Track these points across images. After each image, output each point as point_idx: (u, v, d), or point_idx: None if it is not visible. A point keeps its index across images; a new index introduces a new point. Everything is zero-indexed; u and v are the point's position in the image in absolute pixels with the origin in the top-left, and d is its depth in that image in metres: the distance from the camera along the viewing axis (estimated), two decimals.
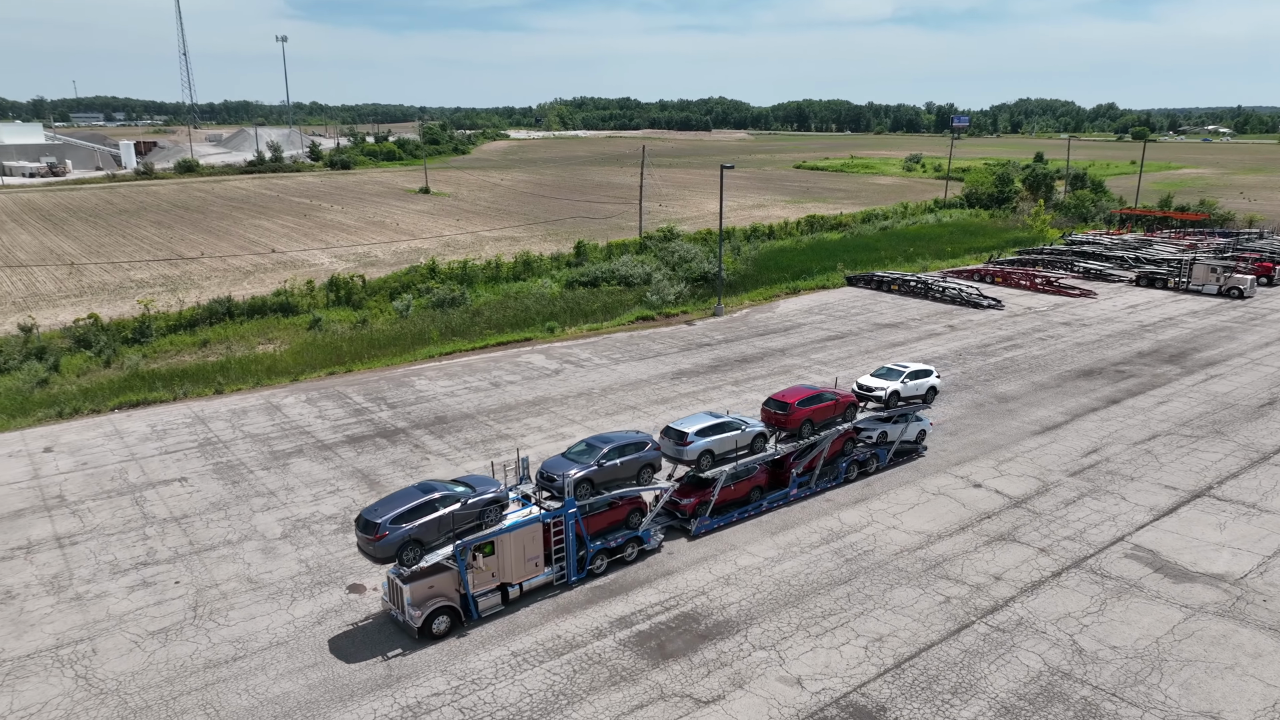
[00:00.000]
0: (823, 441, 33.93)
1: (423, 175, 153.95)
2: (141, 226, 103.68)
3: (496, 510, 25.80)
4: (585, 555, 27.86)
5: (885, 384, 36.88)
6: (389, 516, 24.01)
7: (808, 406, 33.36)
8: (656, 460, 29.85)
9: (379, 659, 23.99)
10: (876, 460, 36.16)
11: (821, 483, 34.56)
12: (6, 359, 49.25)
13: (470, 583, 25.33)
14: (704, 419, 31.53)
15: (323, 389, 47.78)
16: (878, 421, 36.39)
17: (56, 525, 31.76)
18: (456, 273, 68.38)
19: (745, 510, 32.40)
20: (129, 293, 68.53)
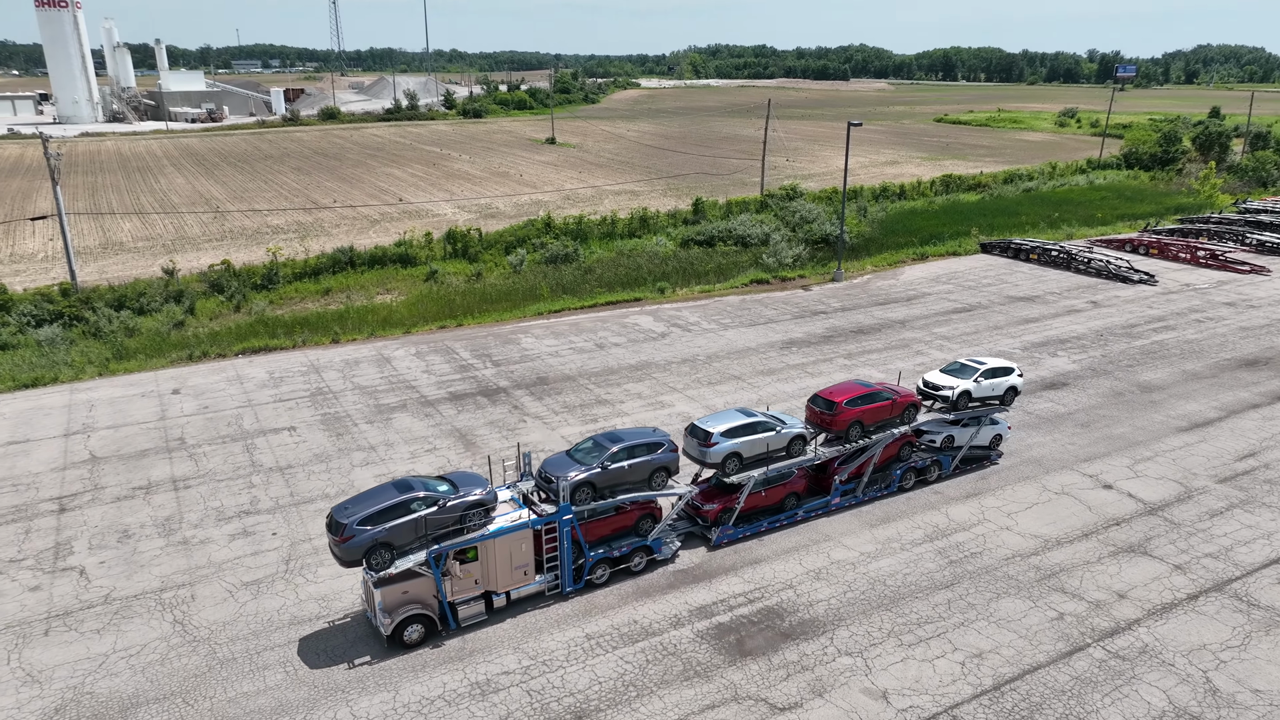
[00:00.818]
0: (874, 446, 30.29)
1: (550, 125, 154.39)
2: (283, 173, 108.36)
3: (481, 514, 23.41)
4: (584, 564, 25.43)
5: (955, 382, 32.53)
6: (357, 517, 21.96)
7: (858, 406, 29.50)
8: (672, 463, 26.59)
9: (459, 636, 23.90)
10: (939, 468, 32.20)
11: (871, 491, 30.95)
12: (149, 300, 52.25)
13: (449, 590, 23.36)
14: (733, 417, 28.23)
15: (432, 342, 48.45)
16: (944, 424, 32.52)
17: (175, 468, 33.39)
18: (572, 228, 67.94)
19: (777, 519, 29.12)
20: (265, 239, 71.63)
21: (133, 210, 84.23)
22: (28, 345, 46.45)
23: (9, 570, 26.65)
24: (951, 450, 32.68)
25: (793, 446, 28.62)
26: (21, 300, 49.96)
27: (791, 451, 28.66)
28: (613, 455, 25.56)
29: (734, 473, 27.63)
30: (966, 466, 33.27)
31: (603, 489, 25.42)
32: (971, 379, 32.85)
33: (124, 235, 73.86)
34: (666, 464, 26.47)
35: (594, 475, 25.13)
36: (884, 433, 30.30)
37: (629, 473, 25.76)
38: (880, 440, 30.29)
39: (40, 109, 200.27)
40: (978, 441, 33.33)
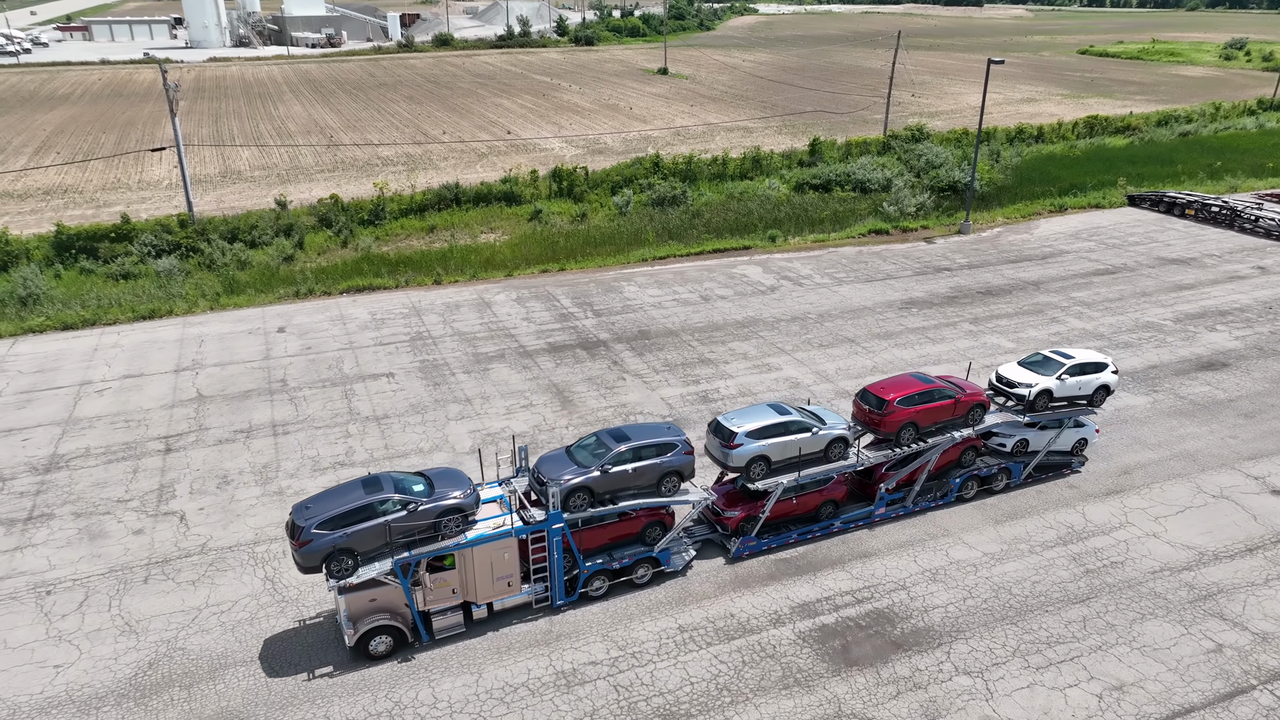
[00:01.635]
0: (929, 452, 26.49)
1: (663, 54, 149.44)
2: (396, 101, 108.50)
3: (459, 520, 21.03)
4: (579, 575, 23.01)
5: (1034, 378, 27.92)
6: (316, 519, 19.85)
7: (912, 405, 25.73)
8: (685, 467, 23.53)
9: (543, 616, 22.85)
10: (1007, 476, 28.24)
11: (923, 502, 27.31)
12: (261, 233, 52.80)
13: (420, 600, 21.39)
14: (763, 414, 24.74)
15: (533, 288, 47.25)
16: (1018, 425, 28.31)
17: (275, 411, 33.41)
18: (681, 168, 65.10)
19: (810, 531, 25.87)
20: (375, 170, 71.66)
21: (252, 138, 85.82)
22: (147, 275, 47.62)
23: (115, 510, 27.10)
24: (1024, 456, 28.55)
25: (831, 450, 25.03)
26: (143, 229, 51.17)
27: (830, 455, 25.06)
28: (615, 457, 22.61)
29: (759, 478, 24.29)
30: (1040, 474, 29.10)
31: (602, 494, 22.61)
32: (1054, 375, 27.96)
33: (242, 164, 75.27)
34: (679, 468, 23.38)
35: (591, 479, 22.27)
36: (942, 436, 26.36)
37: (633, 477, 22.80)
38: (937, 445, 26.36)
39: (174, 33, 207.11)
40: (1057, 447, 29.01)
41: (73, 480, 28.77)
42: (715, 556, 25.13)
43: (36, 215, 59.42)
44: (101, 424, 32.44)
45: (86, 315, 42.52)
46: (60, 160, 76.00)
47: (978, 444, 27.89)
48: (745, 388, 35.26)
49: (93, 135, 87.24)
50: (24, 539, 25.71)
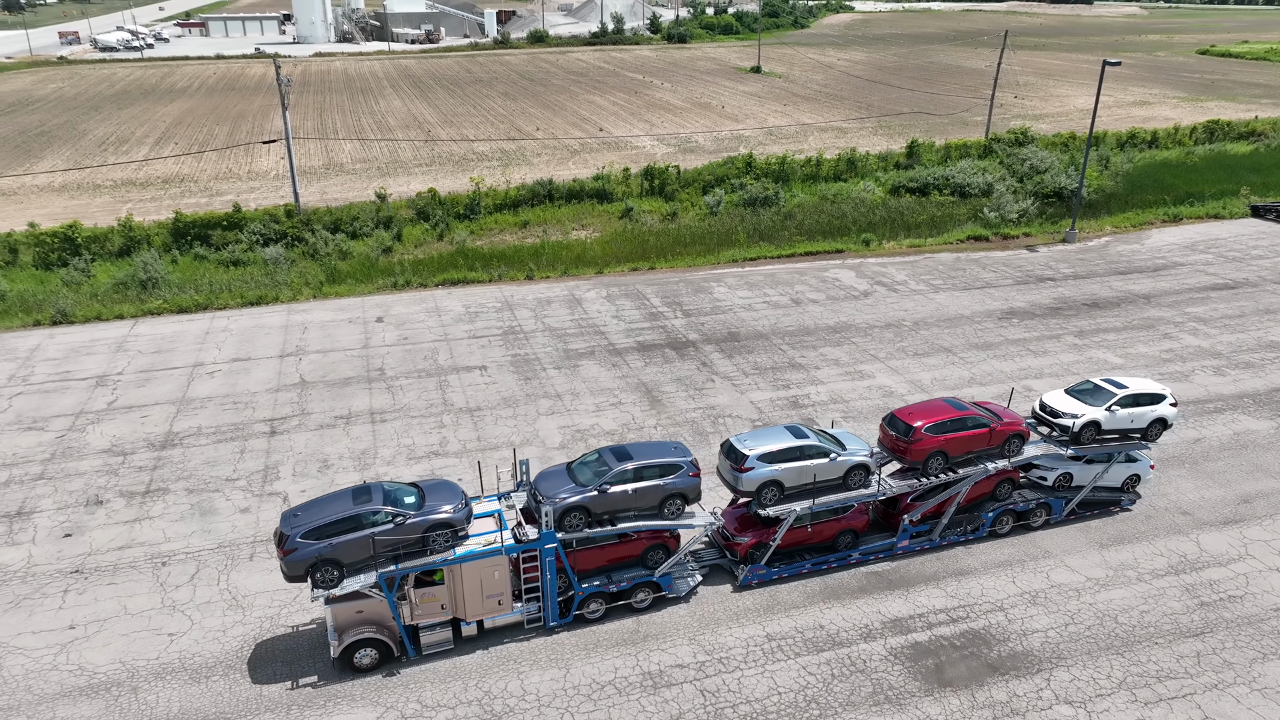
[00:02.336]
0: (959, 484, 25.01)
1: (756, 52, 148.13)
2: (491, 98, 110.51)
3: (448, 534, 20.55)
4: (574, 596, 22.27)
5: (1081, 408, 26.01)
6: (302, 529, 19.70)
7: (941, 434, 24.28)
8: (690, 490, 22.57)
9: (630, 614, 22.91)
10: (1046, 512, 26.57)
11: (951, 535, 25.78)
12: (362, 225, 54.46)
13: (406, 615, 21.04)
14: (778, 437, 23.67)
15: (623, 285, 47.45)
16: (1060, 459, 26.48)
17: (373, 399, 34.41)
18: (774, 169, 64.39)
19: (825, 561, 24.60)
20: (470, 165, 73.12)
21: (353, 131, 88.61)
22: (255, 263, 49.66)
23: (224, 489, 28.34)
24: (1068, 491, 26.79)
25: (851, 477, 23.83)
26: (253, 219, 53.37)
27: (849, 483, 23.90)
28: (614, 476, 21.83)
29: (771, 504, 23.24)
30: (1085, 511, 27.27)
31: (600, 514, 21.83)
32: (1104, 406, 25.95)
33: (344, 156, 77.79)
34: (683, 490, 22.42)
35: (588, 499, 21.50)
36: (974, 467, 24.89)
37: (633, 498, 21.92)
38: (968, 476, 24.87)
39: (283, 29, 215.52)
40: (1105, 482, 27.08)
41: (186, 457, 30.22)
42: (809, 578, 24.76)
43: (156, 203, 62.63)
44: (212, 404, 33.97)
45: (200, 300, 44.61)
46: (178, 151, 79.94)
47: (1015, 476, 26.16)
48: (837, 394, 34.67)
49: (207, 127, 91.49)
50: (142, 511, 27.12)
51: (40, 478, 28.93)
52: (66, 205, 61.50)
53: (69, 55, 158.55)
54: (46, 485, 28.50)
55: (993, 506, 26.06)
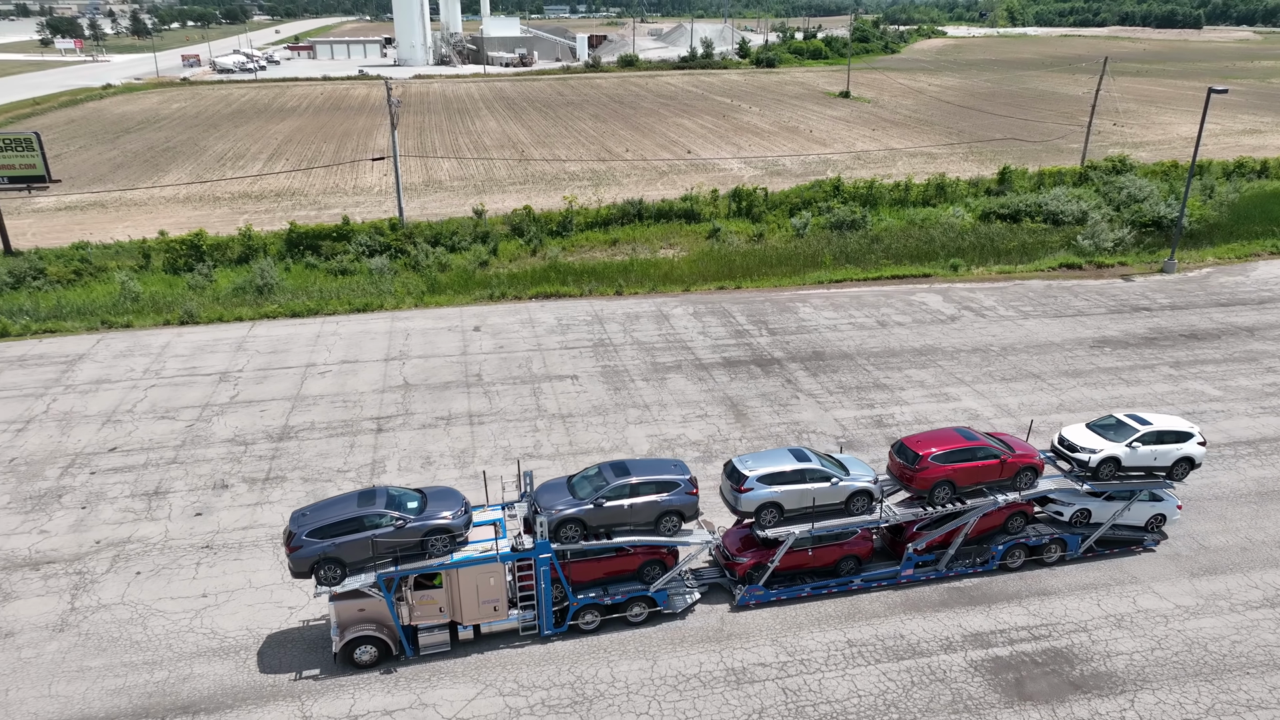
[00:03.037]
0: (966, 514, 24.61)
1: (845, 77, 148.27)
2: (582, 119, 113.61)
3: (447, 539, 21.29)
4: (569, 607, 22.76)
5: (1100, 444, 25.42)
6: (308, 527, 20.73)
7: (948, 463, 23.96)
8: (687, 507, 22.85)
9: (714, 613, 23.86)
10: (1061, 548, 25.93)
11: (959, 566, 25.43)
12: (460, 239, 57.07)
13: (404, 616, 21.83)
14: (780, 459, 23.75)
15: (710, 303, 48.58)
16: (1078, 494, 25.95)
17: (471, 403, 36.28)
18: (861, 193, 64.80)
19: (825, 585, 24.42)
20: (562, 185, 75.58)
21: (451, 150, 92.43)
22: (361, 272, 52.59)
23: (335, 479, 30.42)
24: (1085, 528, 26.15)
25: (853, 503, 23.73)
26: (360, 231, 56.52)
27: (851, 509, 23.78)
28: (610, 491, 22.22)
29: (769, 526, 23.30)
30: (1104, 549, 26.48)
31: (596, 528, 22.27)
32: (1124, 442, 25.28)
33: (443, 174, 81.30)
34: (679, 508, 22.69)
35: (584, 512, 22.00)
36: (982, 499, 24.53)
37: (629, 513, 22.30)
38: (976, 508, 24.51)
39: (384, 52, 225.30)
40: (1126, 520, 26.38)
41: (300, 449, 32.50)
42: (889, 589, 25.27)
43: (270, 214, 66.72)
44: (323, 402, 36.35)
45: (311, 305, 47.56)
46: (289, 166, 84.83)
47: (1028, 510, 25.76)
48: (921, 415, 34.98)
49: (315, 144, 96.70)
50: (263, 496, 29.38)
51: (173, 462, 31.56)
52: (191, 215, 66.11)
53: (191, 77, 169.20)
54: (179, 469, 31.09)
55: (1004, 539, 25.62)
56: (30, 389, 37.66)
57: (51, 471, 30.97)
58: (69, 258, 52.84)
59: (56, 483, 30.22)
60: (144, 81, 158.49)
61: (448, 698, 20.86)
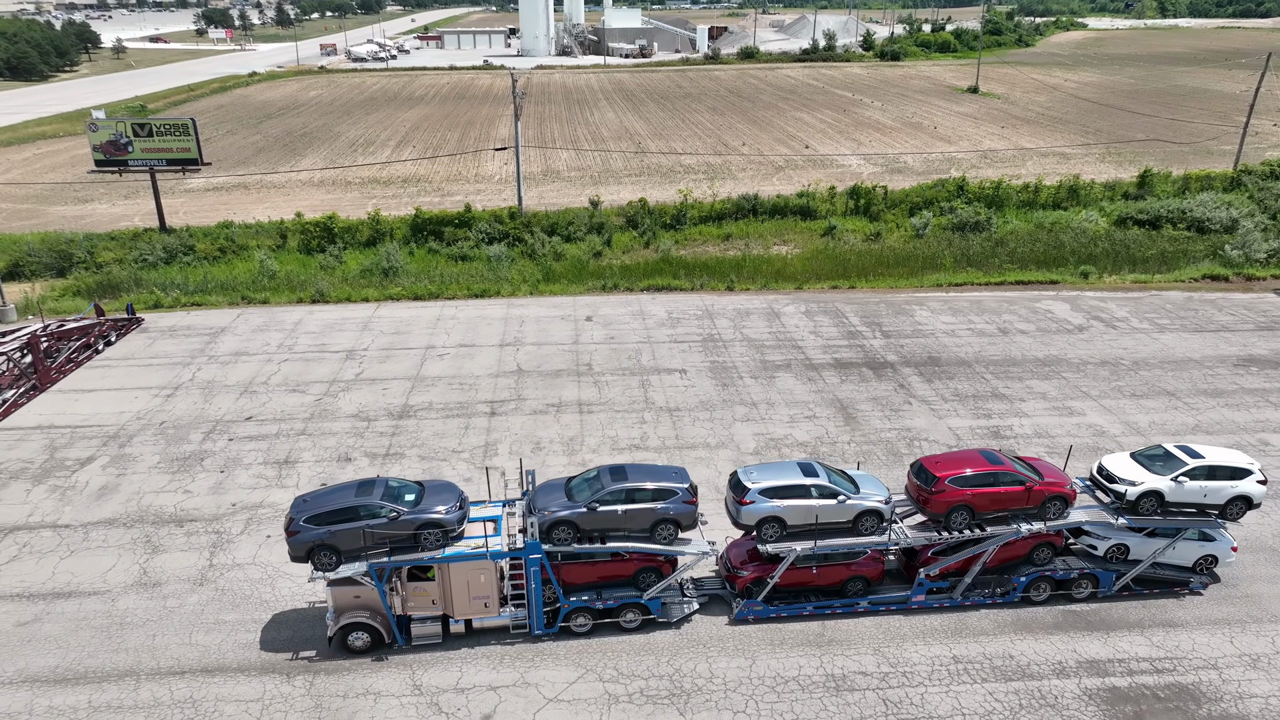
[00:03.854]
0: (985, 543, 23.32)
1: (974, 72, 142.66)
2: (699, 112, 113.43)
3: (439, 534, 21.51)
4: (560, 609, 22.63)
5: (1142, 475, 23.72)
6: (306, 514, 21.34)
7: (966, 487, 22.85)
8: (684, 516, 22.43)
9: (816, 620, 23.65)
10: (1092, 584, 24.16)
11: (976, 596, 24.06)
12: (575, 229, 58.08)
13: (397, 606, 22.10)
14: (785, 472, 23.08)
15: (822, 303, 47.88)
16: (1114, 527, 24.01)
17: (581, 391, 36.98)
18: (987, 193, 62.44)
19: (828, 605, 23.54)
20: (677, 178, 75.78)
21: (569, 141, 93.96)
22: (480, 259, 54.25)
23: (450, 459, 31.61)
24: (1122, 564, 24.30)
25: (861, 522, 22.80)
26: (480, 219, 58.29)
27: (859, 528, 22.87)
28: (604, 496, 21.99)
29: (771, 540, 22.66)
30: (1141, 589, 24.55)
31: (589, 531, 22.10)
32: (1170, 476, 23.46)
33: (561, 165, 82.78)
34: (675, 517, 22.32)
35: (577, 515, 21.85)
36: (1004, 528, 23.21)
37: (623, 519, 22.07)
38: (996, 536, 23.24)
39: (508, 42, 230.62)
40: (1169, 559, 24.39)
41: (419, 428, 33.90)
42: (999, 608, 24.45)
43: (396, 200, 69.52)
44: (441, 384, 37.76)
45: (432, 289, 49.40)
46: (415, 153, 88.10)
47: (1056, 541, 24.24)
48: (1042, 429, 33.59)
49: (440, 132, 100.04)
50: (382, 471, 30.81)
51: (302, 434, 33.47)
52: (324, 198, 69.59)
53: (327, 65, 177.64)
54: (307, 440, 32.95)
55: (1028, 570, 24.21)
56: (179, 358, 40.58)
57: (195, 436, 33.35)
58: (215, 236, 56.54)
59: (199, 447, 32.53)
60: (285, 70, 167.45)
61: (550, 678, 21.47)
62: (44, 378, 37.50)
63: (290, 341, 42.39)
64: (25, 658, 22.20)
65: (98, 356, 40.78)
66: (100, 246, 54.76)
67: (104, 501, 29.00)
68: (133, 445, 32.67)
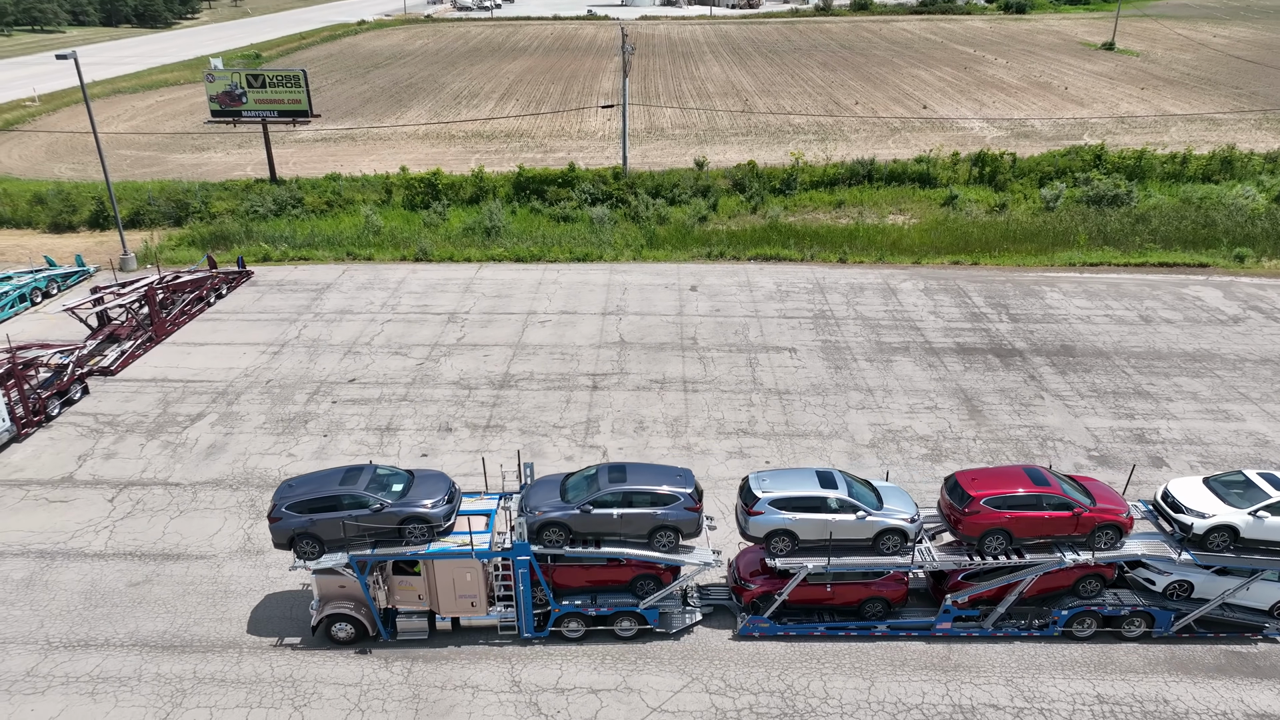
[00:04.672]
0: (1023, 571, 20.98)
1: (1109, 26, 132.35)
2: (809, 67, 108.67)
3: (424, 529, 20.44)
4: (551, 613, 21.34)
5: (1215, 506, 20.81)
6: (289, 500, 20.51)
7: (1004, 509, 20.48)
8: (685, 524, 20.76)
9: (941, 639, 21.80)
10: (1148, 623, 21.49)
11: (1009, 627, 21.68)
12: (680, 192, 56.07)
13: (381, 599, 21.32)
14: (802, 482, 21.22)
15: (942, 279, 44.87)
16: (1176, 562, 20.98)
17: (686, 367, 35.46)
18: (1128, 164, 57.40)
19: (842, 627, 21.68)
20: (786, 138, 72.58)
21: (674, 97, 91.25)
22: (582, 220, 52.94)
23: (551, 435, 30.67)
24: (1184, 603, 21.57)
25: (882, 541, 20.77)
26: (584, 178, 56.87)
27: (880, 547, 20.84)
28: (600, 498, 20.46)
29: (780, 555, 20.91)
30: (1205, 631, 21.78)
31: (583, 534, 20.67)
32: (1249, 509, 20.47)
33: (665, 121, 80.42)
34: (675, 524, 20.66)
35: (569, 517, 20.43)
36: (1046, 556, 20.85)
37: (619, 523, 20.52)
38: (1036, 565, 20.89)
39: None
40: (1243, 601, 21.49)
41: (520, 399, 33.07)
42: (1145, 641, 22.09)
43: (499, 155, 68.71)
44: (542, 352, 36.82)
45: (535, 251, 48.44)
46: (518, 107, 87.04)
47: (1106, 573, 21.57)
48: (1194, 434, 30.45)
49: (543, 85, 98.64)
50: (483, 444, 30.12)
51: (404, 399, 33.07)
52: (428, 152, 69.32)
53: (434, 13, 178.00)
54: (409, 407, 32.53)
55: (1072, 603, 21.69)
56: (286, 313, 40.81)
57: (300, 396, 33.35)
58: (323, 189, 56.84)
59: (304, 408, 32.49)
60: (392, 18, 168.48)
61: (654, 685, 20.38)
62: (159, 330, 38.21)
63: (394, 301, 42.14)
64: (136, 620, 22.39)
65: (209, 309, 41.38)
66: (214, 196, 55.74)
67: (212, 461, 29.21)
68: (240, 403, 32.88)
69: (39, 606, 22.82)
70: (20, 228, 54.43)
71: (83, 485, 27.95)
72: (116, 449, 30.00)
